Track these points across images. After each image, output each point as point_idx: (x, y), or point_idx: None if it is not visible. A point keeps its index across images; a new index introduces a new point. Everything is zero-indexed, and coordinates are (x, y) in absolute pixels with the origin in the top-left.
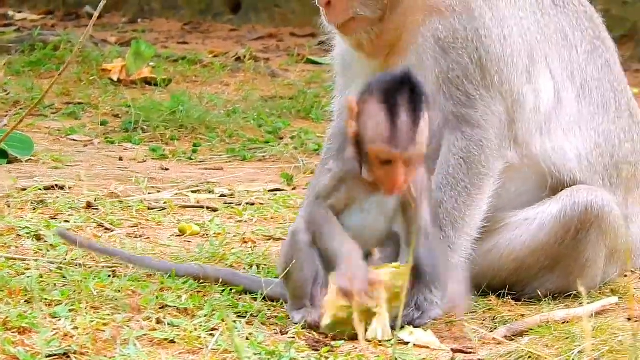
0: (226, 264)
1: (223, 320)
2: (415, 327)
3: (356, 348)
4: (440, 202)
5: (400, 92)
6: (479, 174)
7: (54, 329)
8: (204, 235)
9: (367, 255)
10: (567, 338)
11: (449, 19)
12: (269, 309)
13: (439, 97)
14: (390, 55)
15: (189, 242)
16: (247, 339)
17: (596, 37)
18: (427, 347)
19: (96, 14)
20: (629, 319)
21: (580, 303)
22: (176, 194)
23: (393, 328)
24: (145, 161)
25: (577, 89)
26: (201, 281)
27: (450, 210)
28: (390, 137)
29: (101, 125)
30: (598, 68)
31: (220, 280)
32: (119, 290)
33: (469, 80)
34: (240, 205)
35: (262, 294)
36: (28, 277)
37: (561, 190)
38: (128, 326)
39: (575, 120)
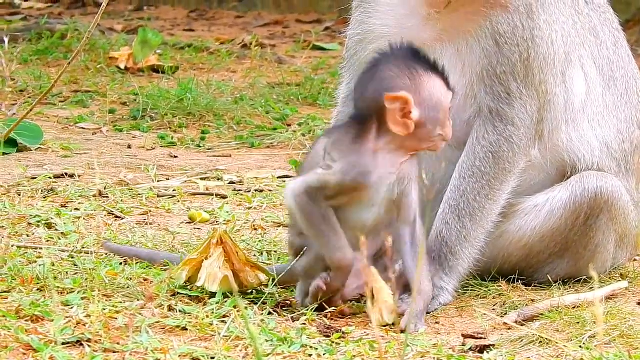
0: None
1: (235, 307)
2: (426, 313)
3: (367, 334)
4: (463, 191)
5: (420, 58)
6: (505, 170)
7: (67, 317)
8: (213, 222)
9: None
10: (577, 323)
11: (512, 15)
12: (280, 295)
13: (479, 88)
14: (438, 36)
15: (199, 229)
16: (259, 325)
17: (616, 28)
18: (438, 333)
19: (105, 2)
20: (639, 304)
21: (591, 288)
22: (185, 182)
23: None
24: (153, 149)
25: (606, 81)
26: None
27: (472, 202)
28: (448, 89)
29: (109, 113)
30: (622, 58)
31: None
32: (131, 278)
33: (514, 77)
34: (249, 192)
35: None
36: (40, 265)
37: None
38: (140, 314)
39: (600, 110)
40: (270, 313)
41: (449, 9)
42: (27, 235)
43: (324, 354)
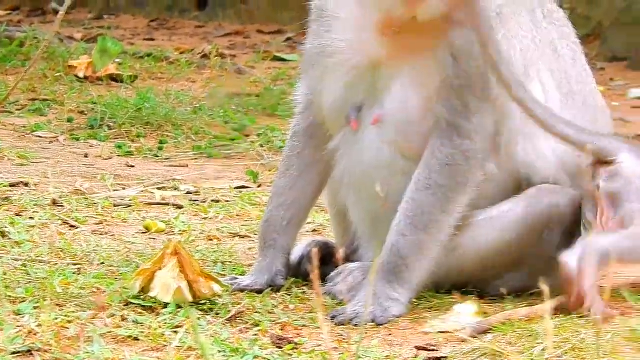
0: None
1: (188, 317)
2: (377, 325)
3: (320, 345)
4: (419, 204)
5: None
6: (461, 183)
7: (18, 326)
8: (169, 232)
9: None
10: (530, 336)
11: (470, 31)
12: (233, 306)
13: (437, 102)
14: (395, 51)
15: (154, 239)
16: (212, 336)
17: (574, 42)
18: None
19: (62, 10)
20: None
21: (543, 301)
22: (142, 191)
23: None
24: (110, 158)
25: (563, 95)
26: None
27: (427, 214)
28: None
29: (67, 122)
30: (580, 72)
31: None
32: (84, 288)
33: (471, 92)
34: (205, 202)
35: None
36: None
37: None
38: (92, 323)
39: None
40: (223, 324)
41: (402, 33)
42: None
43: None
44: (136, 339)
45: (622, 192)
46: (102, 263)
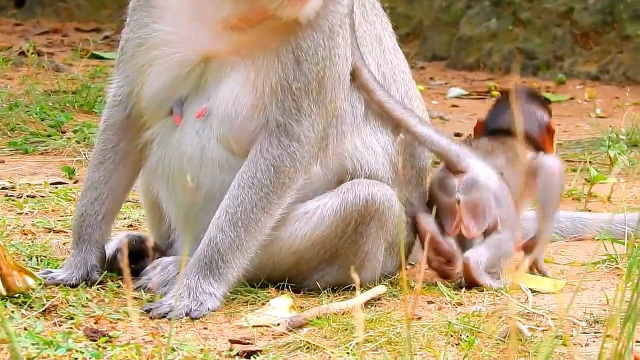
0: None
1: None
2: (192, 319)
3: (134, 338)
4: (241, 202)
5: None
6: (284, 185)
7: None
8: None
9: None
10: (345, 329)
11: (317, 34)
12: (47, 299)
13: (270, 101)
14: (233, 48)
15: None
16: (25, 329)
17: (392, 32)
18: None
19: None
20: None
21: (353, 294)
22: None
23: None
24: None
25: (388, 86)
26: None
27: (248, 212)
28: None
29: None
30: (400, 61)
31: None
32: None
33: (307, 95)
34: (21, 197)
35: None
36: None
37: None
38: None
39: (383, 117)
40: (38, 317)
41: (247, 30)
42: None
43: (90, 358)
44: None
45: (482, 201)
46: None
